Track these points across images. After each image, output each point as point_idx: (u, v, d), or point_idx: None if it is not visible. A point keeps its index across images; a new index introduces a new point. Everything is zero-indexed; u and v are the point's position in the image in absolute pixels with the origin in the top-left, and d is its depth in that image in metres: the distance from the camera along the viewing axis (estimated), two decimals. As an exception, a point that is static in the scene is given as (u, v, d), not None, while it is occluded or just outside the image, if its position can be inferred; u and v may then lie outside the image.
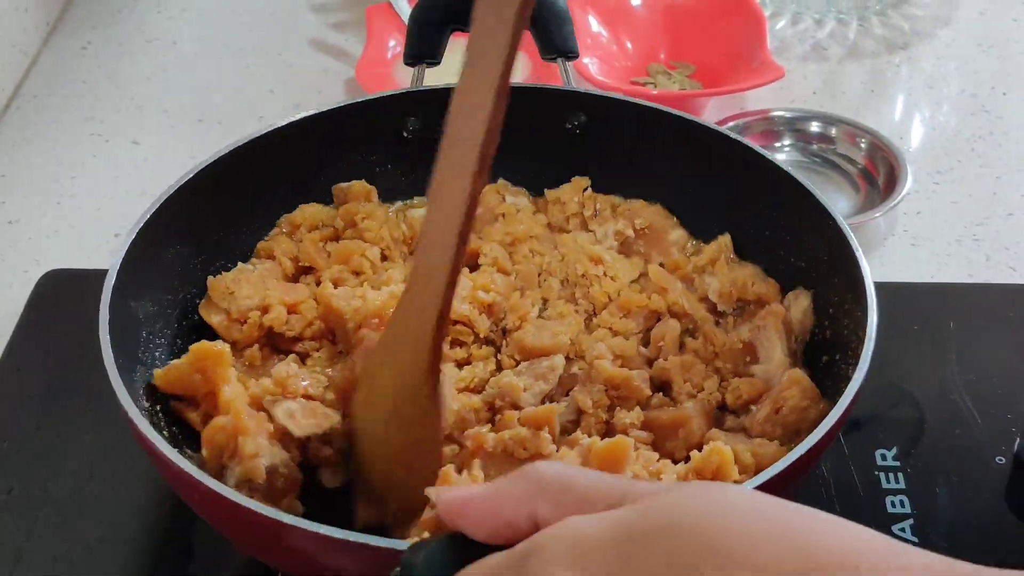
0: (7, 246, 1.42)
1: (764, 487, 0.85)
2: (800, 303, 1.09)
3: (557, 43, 1.28)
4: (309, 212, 1.20)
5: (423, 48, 1.28)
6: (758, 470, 0.91)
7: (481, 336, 1.09)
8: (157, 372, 1.01)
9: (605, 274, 1.16)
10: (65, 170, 1.53)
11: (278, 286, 1.11)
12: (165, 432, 1.00)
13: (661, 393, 1.06)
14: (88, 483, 1.12)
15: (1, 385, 1.21)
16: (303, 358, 1.08)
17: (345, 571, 0.85)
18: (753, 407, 1.03)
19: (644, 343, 1.11)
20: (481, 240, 1.18)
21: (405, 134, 1.26)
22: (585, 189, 1.25)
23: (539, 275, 1.17)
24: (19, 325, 1.28)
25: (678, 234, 1.21)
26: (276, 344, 1.10)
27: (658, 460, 0.95)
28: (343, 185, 1.23)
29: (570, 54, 1.28)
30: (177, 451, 0.89)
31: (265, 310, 1.08)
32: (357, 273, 1.15)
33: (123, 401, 0.91)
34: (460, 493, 0.67)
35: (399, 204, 1.26)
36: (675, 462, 0.95)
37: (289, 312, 1.09)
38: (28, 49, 1.72)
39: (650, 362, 1.10)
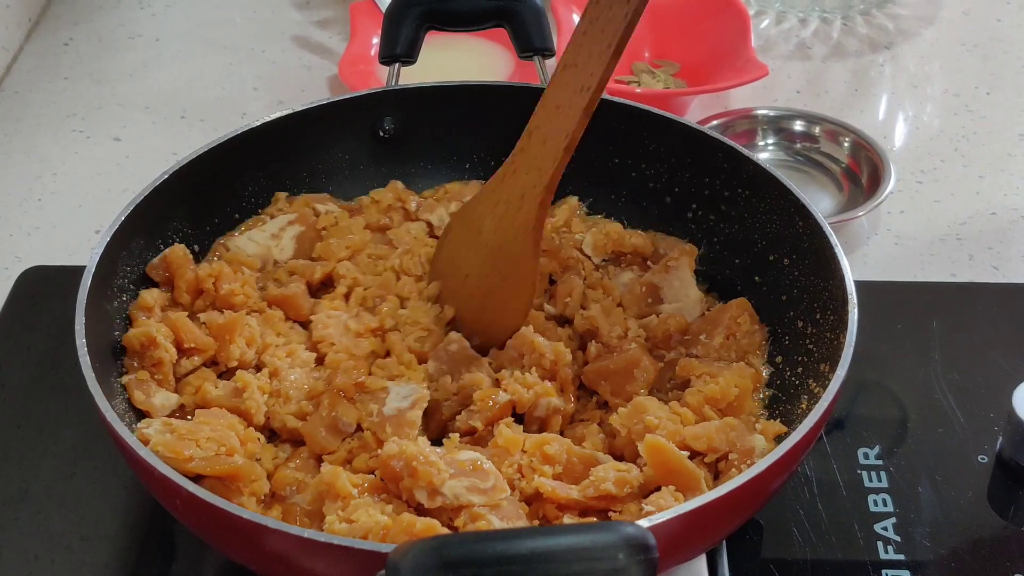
0: (-13, 243, 1.41)
1: (745, 487, 0.85)
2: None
3: (534, 40, 1.27)
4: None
5: (399, 47, 1.27)
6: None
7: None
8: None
9: None
10: (47, 167, 1.53)
11: None
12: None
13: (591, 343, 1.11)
14: (69, 481, 1.11)
15: (-19, 383, 1.21)
16: None
17: (327, 575, 0.85)
18: (703, 337, 1.10)
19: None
20: (323, 261, 1.18)
21: (381, 133, 1.26)
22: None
23: (397, 277, 1.18)
24: (-1, 322, 1.27)
25: None
26: None
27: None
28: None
29: (546, 52, 1.27)
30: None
31: None
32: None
33: (101, 406, 0.91)
34: None
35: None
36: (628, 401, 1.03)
37: None
38: (9, 45, 1.71)
39: (560, 320, 1.14)
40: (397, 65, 1.28)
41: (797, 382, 1.05)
